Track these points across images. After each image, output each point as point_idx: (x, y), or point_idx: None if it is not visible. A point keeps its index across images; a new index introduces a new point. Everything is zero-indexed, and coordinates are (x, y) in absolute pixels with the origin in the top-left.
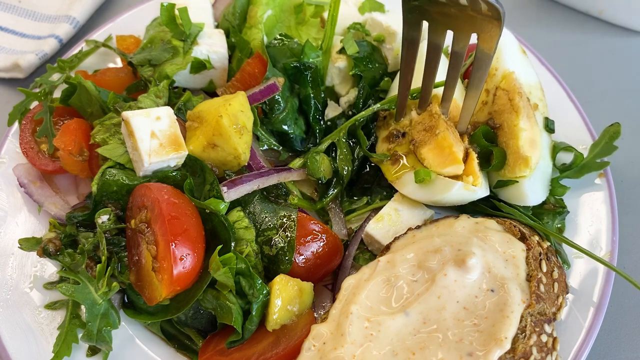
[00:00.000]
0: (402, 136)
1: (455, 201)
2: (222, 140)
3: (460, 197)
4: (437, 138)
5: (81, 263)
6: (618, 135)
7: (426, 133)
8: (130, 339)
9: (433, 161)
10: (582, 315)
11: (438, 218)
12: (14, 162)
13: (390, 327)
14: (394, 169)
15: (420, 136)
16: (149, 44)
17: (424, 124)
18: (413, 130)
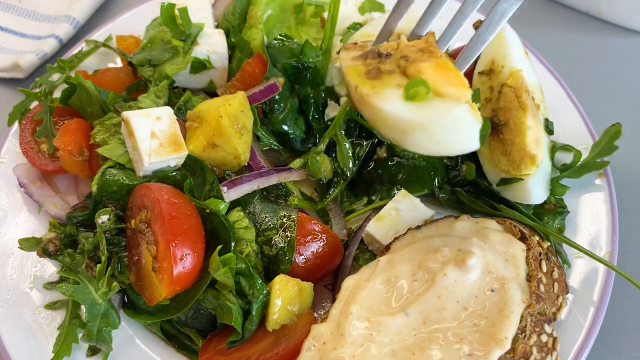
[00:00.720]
0: (385, 57)
1: (450, 138)
2: (222, 140)
3: (460, 129)
4: (439, 60)
5: (81, 263)
6: (619, 135)
7: (423, 54)
8: (130, 339)
9: (434, 79)
10: (582, 315)
11: (438, 218)
12: (14, 162)
13: (390, 327)
14: (372, 84)
15: (414, 54)
16: (149, 44)
17: (417, 46)
18: (403, 50)
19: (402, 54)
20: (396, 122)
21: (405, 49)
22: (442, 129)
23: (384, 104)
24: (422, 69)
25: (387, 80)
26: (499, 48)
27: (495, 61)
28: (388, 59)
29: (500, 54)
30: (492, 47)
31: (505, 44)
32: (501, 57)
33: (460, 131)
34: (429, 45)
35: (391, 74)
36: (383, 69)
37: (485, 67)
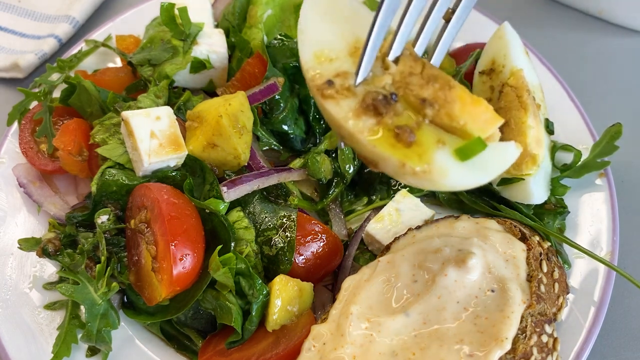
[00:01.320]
0: (394, 100)
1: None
2: (222, 140)
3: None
4: (458, 92)
5: (81, 263)
6: (619, 135)
7: (433, 87)
8: (129, 340)
9: (472, 124)
10: (582, 315)
11: (438, 218)
12: (13, 162)
13: (390, 328)
14: (417, 154)
15: (428, 91)
16: (149, 43)
17: (415, 74)
18: (408, 86)
19: (415, 96)
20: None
21: (409, 82)
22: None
23: (446, 178)
24: (454, 115)
25: (425, 140)
26: (499, 48)
27: (496, 61)
28: (399, 103)
29: (500, 53)
30: (492, 47)
31: (506, 43)
32: (502, 57)
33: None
34: (423, 65)
35: (422, 128)
36: (410, 124)
37: (485, 67)
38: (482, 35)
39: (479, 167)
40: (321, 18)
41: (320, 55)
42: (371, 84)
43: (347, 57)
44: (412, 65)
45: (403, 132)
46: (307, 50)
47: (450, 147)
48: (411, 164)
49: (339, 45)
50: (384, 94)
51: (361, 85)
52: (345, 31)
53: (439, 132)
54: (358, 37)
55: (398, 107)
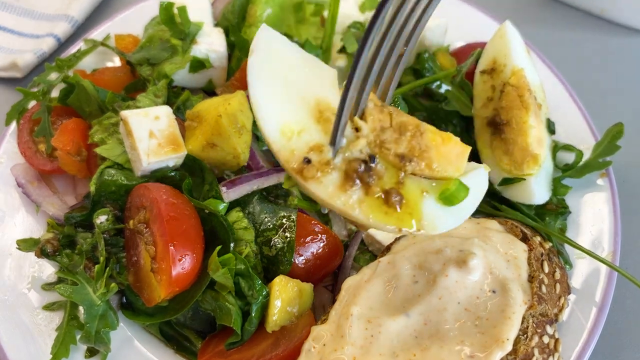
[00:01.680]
0: (373, 163)
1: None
2: (222, 140)
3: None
4: (430, 137)
5: (79, 264)
6: (621, 135)
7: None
8: (129, 340)
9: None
10: (584, 316)
11: None
12: (12, 162)
13: (390, 329)
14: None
15: (404, 145)
16: (148, 43)
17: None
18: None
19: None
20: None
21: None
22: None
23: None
24: (431, 163)
25: (412, 196)
26: (500, 47)
27: (497, 60)
28: (379, 165)
29: (502, 53)
30: (494, 46)
31: (507, 42)
32: (503, 56)
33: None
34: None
35: (405, 184)
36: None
37: (487, 66)
38: (483, 34)
39: (460, 206)
40: (272, 89)
41: (287, 131)
42: (347, 151)
43: (314, 124)
44: (380, 118)
45: (391, 196)
46: (271, 129)
47: (434, 193)
48: (407, 228)
49: (302, 114)
50: (363, 159)
51: (338, 155)
52: (303, 95)
53: (420, 182)
54: (319, 98)
55: (379, 169)
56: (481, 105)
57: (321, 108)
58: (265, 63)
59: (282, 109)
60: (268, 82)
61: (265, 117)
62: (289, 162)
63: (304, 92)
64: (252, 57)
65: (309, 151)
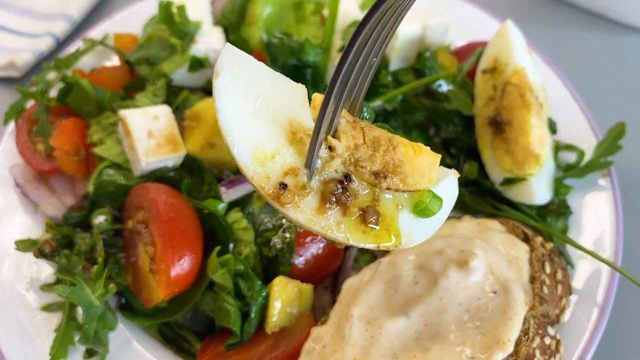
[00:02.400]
0: (348, 181)
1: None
2: (221, 139)
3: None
4: (401, 148)
5: (78, 264)
6: (622, 134)
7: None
8: (127, 341)
9: (421, 177)
10: (585, 316)
11: None
12: (10, 162)
13: (391, 330)
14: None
15: (378, 162)
16: (147, 42)
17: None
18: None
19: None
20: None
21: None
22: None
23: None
24: (405, 177)
25: (387, 210)
26: (502, 46)
27: (499, 59)
28: (353, 183)
29: (503, 52)
30: (495, 45)
31: (509, 42)
32: (505, 55)
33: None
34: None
35: (381, 201)
36: (371, 202)
37: (488, 66)
38: (485, 33)
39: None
40: (242, 112)
41: (260, 156)
42: (323, 172)
43: (287, 146)
44: (354, 135)
45: (368, 215)
46: (243, 154)
47: (407, 206)
48: (386, 244)
49: (274, 137)
50: (339, 179)
51: (315, 179)
52: (274, 116)
53: (394, 196)
54: (290, 119)
55: (354, 187)
56: (482, 105)
57: (294, 129)
58: (232, 85)
59: (254, 132)
60: (237, 105)
61: (236, 142)
62: (264, 188)
63: (275, 113)
64: (217, 79)
65: (284, 175)
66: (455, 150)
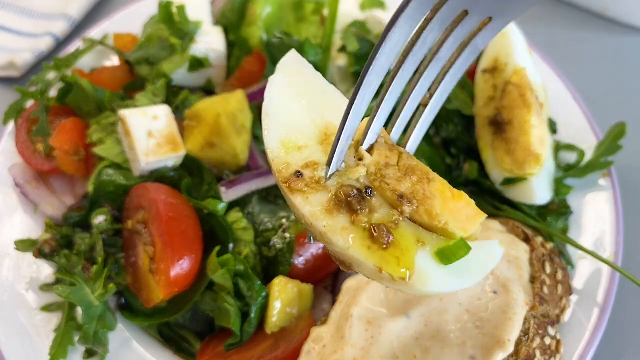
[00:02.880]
0: (368, 194)
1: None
2: (221, 139)
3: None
4: (437, 186)
5: (77, 264)
6: (623, 134)
7: (411, 181)
8: (127, 341)
9: (453, 222)
10: (586, 316)
11: None
12: (9, 162)
13: (391, 330)
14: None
15: (406, 187)
16: (147, 42)
17: (392, 164)
18: (384, 180)
19: (392, 190)
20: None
21: (385, 175)
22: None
23: (427, 285)
24: (434, 212)
25: (405, 241)
26: (503, 46)
27: (499, 59)
28: (374, 197)
29: (504, 52)
30: (496, 45)
31: (509, 42)
32: (505, 55)
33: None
34: (399, 154)
35: (400, 227)
36: (387, 223)
37: (488, 65)
38: None
39: (462, 270)
40: (286, 104)
41: (288, 143)
42: (344, 176)
43: (317, 145)
44: (387, 155)
45: (380, 232)
46: (273, 137)
47: (431, 247)
48: (389, 271)
49: (308, 132)
50: (358, 187)
51: (333, 177)
52: (314, 117)
53: (417, 231)
54: (328, 123)
55: (374, 203)
56: (483, 105)
57: (328, 132)
58: (285, 82)
59: (290, 122)
60: (283, 99)
61: (269, 126)
62: (280, 172)
63: (316, 114)
64: (275, 76)
65: (304, 167)
66: (455, 150)
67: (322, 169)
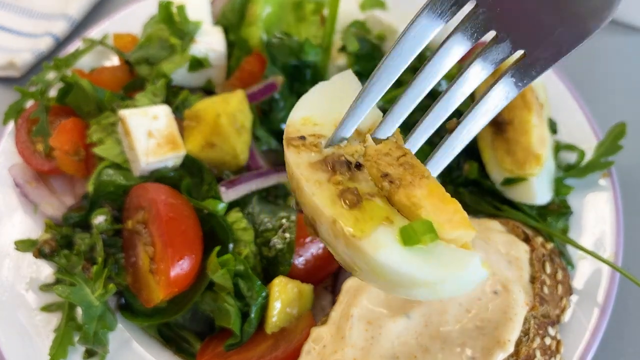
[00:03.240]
0: (356, 167)
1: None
2: (221, 139)
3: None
4: (430, 183)
5: (77, 264)
6: (623, 134)
7: (404, 170)
8: (127, 342)
9: (433, 215)
10: (586, 317)
11: None
12: (9, 162)
13: (391, 330)
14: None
15: (396, 171)
16: (147, 42)
17: (392, 155)
18: (377, 161)
19: (380, 170)
20: (393, 276)
21: (380, 159)
22: (452, 288)
23: (378, 252)
24: (416, 200)
25: (371, 210)
26: None
27: None
28: (361, 173)
29: None
30: None
31: None
32: None
33: (469, 285)
34: (404, 153)
35: (373, 199)
36: (361, 191)
37: None
38: None
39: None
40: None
41: (308, 120)
42: (341, 149)
43: (331, 127)
44: (391, 148)
45: (350, 194)
46: (297, 114)
47: (397, 227)
48: (343, 223)
49: (329, 118)
50: (348, 160)
51: (330, 147)
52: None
53: (391, 211)
54: None
55: (357, 175)
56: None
57: None
58: (330, 86)
59: (316, 108)
60: (321, 95)
61: (298, 106)
62: (289, 132)
63: (342, 108)
64: (325, 81)
65: (310, 135)
66: None
67: (324, 140)
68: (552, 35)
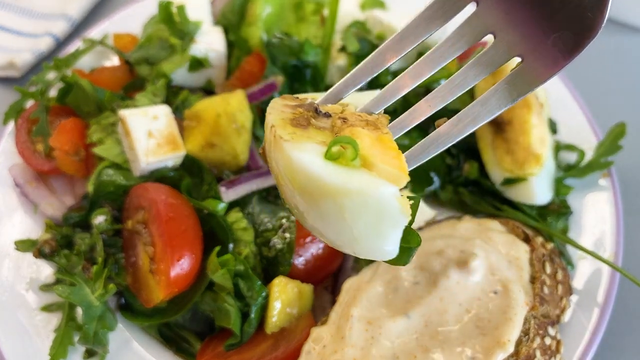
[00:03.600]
0: (323, 115)
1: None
2: (221, 139)
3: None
4: (382, 135)
5: (77, 264)
6: (623, 134)
7: (367, 124)
8: (127, 342)
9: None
10: (586, 317)
11: (440, 219)
12: (9, 162)
13: (391, 330)
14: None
15: (355, 120)
16: (147, 42)
17: (363, 117)
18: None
19: (341, 116)
20: (305, 180)
21: (349, 114)
22: (357, 209)
23: (299, 152)
24: (358, 134)
25: (313, 134)
26: None
27: None
28: (324, 119)
29: None
30: None
31: None
32: None
33: (377, 222)
34: (377, 121)
35: (320, 130)
36: (313, 123)
37: None
38: None
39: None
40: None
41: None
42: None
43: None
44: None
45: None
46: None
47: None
48: (279, 130)
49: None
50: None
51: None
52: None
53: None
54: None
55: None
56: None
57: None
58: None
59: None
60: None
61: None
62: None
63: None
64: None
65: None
66: (455, 149)
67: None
68: (547, 41)
